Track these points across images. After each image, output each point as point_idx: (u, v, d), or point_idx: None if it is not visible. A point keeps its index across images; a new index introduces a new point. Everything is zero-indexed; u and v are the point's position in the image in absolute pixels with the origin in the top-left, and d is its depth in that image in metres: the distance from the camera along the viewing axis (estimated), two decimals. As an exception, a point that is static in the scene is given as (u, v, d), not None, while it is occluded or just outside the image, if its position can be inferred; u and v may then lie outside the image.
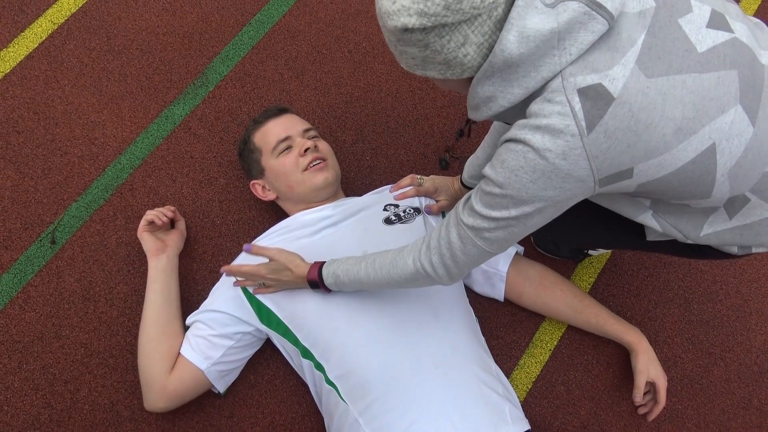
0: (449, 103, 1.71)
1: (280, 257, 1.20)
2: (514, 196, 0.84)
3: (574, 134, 0.78)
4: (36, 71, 1.63)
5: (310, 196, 1.36)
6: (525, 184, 0.82)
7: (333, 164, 1.40)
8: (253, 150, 1.41)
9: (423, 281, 1.02)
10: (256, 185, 1.43)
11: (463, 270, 0.97)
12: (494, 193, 0.86)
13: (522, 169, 0.81)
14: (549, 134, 0.78)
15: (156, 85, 1.65)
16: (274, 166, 1.37)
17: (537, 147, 0.79)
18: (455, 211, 0.95)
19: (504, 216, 0.87)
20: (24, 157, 1.54)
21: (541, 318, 1.49)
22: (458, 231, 0.93)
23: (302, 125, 1.41)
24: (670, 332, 1.51)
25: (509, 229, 0.89)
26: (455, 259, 0.95)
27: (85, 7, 1.72)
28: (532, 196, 0.83)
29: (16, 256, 1.45)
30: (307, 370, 1.25)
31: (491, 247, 0.92)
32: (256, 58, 1.72)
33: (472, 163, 1.34)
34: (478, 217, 0.89)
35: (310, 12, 1.79)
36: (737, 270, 1.58)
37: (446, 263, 0.96)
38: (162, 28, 1.72)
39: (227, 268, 1.26)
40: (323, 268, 1.15)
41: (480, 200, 0.89)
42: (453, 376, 1.14)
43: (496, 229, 0.89)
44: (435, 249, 0.97)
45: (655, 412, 1.34)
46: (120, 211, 1.51)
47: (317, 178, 1.34)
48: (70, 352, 1.38)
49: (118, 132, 1.59)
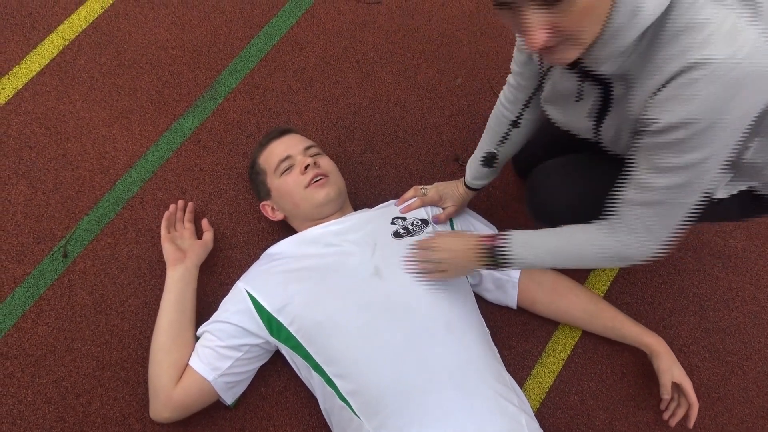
0: (457, 112, 1.71)
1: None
2: (710, 124, 0.78)
3: (744, 28, 0.73)
4: (48, 87, 1.65)
5: (315, 213, 1.36)
6: (721, 105, 0.75)
7: (335, 180, 1.40)
8: (259, 172, 1.43)
9: (622, 261, 1.01)
10: (265, 206, 1.45)
11: (667, 237, 0.96)
12: (681, 138, 0.80)
13: (714, 91, 0.75)
14: (723, 40, 0.73)
15: (166, 99, 1.66)
16: (278, 186, 1.38)
17: (721, 58, 0.73)
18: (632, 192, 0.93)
19: (697, 158, 0.82)
20: (36, 171, 1.56)
21: (553, 326, 1.48)
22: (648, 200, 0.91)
23: (303, 144, 1.42)
24: (686, 340, 1.48)
25: (702, 168, 0.84)
26: (660, 227, 0.94)
27: (96, 23, 1.75)
28: (730, 117, 0.77)
29: (28, 270, 1.46)
30: (317, 386, 1.24)
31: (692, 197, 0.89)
32: (264, 70, 1.73)
33: (474, 165, 1.36)
34: (663, 175, 0.86)
35: (317, 24, 1.80)
36: (754, 276, 1.55)
37: (646, 241, 0.96)
38: (171, 42, 1.74)
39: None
40: (503, 234, 1.12)
41: (660, 159, 0.85)
42: (468, 388, 1.13)
43: (687, 179, 0.85)
44: (634, 229, 0.96)
45: (692, 414, 1.30)
46: (131, 225, 1.52)
47: (319, 194, 1.34)
48: (82, 365, 1.39)
49: (128, 146, 1.60)
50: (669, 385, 1.30)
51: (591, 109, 0.99)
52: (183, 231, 1.47)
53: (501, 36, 1.82)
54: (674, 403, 1.33)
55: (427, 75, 1.76)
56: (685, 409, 1.31)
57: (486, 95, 1.73)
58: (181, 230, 1.47)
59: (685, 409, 1.31)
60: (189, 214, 1.50)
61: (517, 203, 1.60)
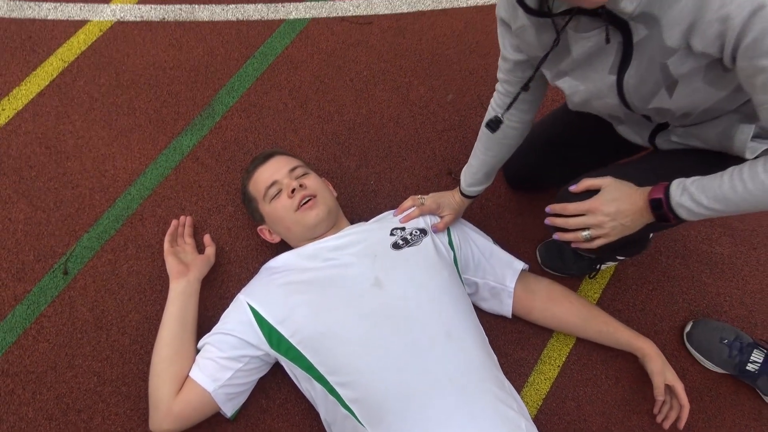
0: (449, 127, 1.76)
1: (613, 183, 1.08)
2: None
3: None
4: (47, 107, 1.68)
5: (308, 234, 1.39)
6: None
7: (323, 199, 1.41)
8: (251, 199, 1.46)
9: None
10: (263, 230, 1.48)
11: None
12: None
13: None
14: None
15: (164, 118, 1.70)
16: (269, 212, 1.41)
17: None
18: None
19: None
20: (36, 190, 1.58)
21: (548, 334, 1.51)
22: None
23: (288, 165, 1.43)
24: (678, 345, 1.52)
25: None
26: None
27: (94, 45, 1.78)
28: None
29: (29, 288, 1.47)
30: (319, 397, 1.25)
31: None
32: (260, 88, 1.77)
33: (468, 172, 1.40)
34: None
35: (311, 44, 1.85)
36: (740, 281, 1.59)
37: None
38: (169, 63, 1.78)
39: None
40: (670, 186, 1.02)
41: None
42: (469, 393, 1.15)
43: None
44: None
45: (683, 416, 1.33)
46: (131, 241, 1.54)
47: (309, 216, 1.36)
48: (83, 381, 1.39)
49: (127, 164, 1.63)
50: (662, 386, 1.33)
51: (613, 63, 0.99)
52: (185, 246, 1.49)
53: (489, 54, 1.87)
54: (666, 406, 1.36)
55: (418, 92, 1.81)
56: (677, 412, 1.34)
57: (476, 110, 1.78)
58: (182, 245, 1.50)
59: (677, 411, 1.34)
60: (188, 228, 1.53)
61: (509, 214, 1.65)
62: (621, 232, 1.08)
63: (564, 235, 1.13)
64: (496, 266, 1.46)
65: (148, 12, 1.86)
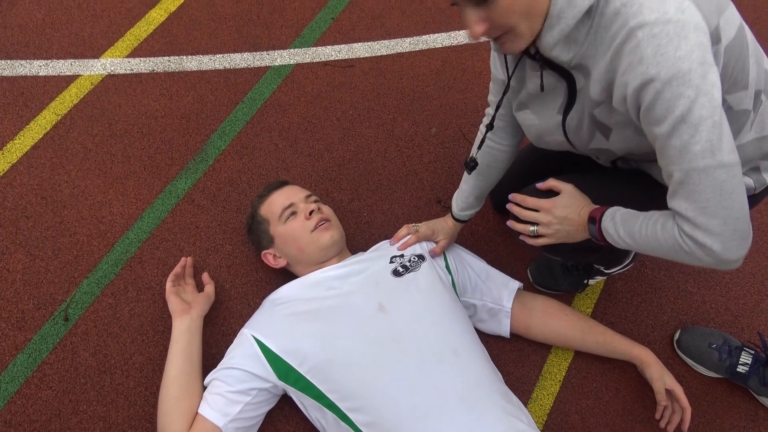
0: (434, 159, 1.83)
1: (572, 191, 1.16)
2: (670, 77, 0.84)
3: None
4: (42, 159, 1.71)
5: (320, 256, 1.43)
6: (670, 57, 0.83)
7: (336, 224, 1.49)
8: (260, 222, 1.50)
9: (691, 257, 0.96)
10: (267, 255, 1.51)
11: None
12: (654, 94, 0.86)
13: (657, 46, 0.83)
14: (652, 5, 0.84)
15: (158, 164, 1.74)
16: (282, 232, 1.45)
17: (653, 20, 0.83)
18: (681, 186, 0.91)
19: (684, 109, 0.85)
20: (34, 239, 1.59)
21: (546, 350, 1.55)
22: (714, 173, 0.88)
23: (303, 193, 1.52)
24: (671, 353, 1.57)
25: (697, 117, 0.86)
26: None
27: (87, 98, 1.83)
28: (686, 65, 0.83)
29: (30, 336, 1.47)
30: (331, 425, 1.26)
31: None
32: (251, 131, 1.83)
33: (460, 197, 1.47)
34: (673, 136, 0.88)
35: (297, 87, 1.93)
36: (723, 289, 1.66)
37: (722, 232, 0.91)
38: (160, 112, 1.83)
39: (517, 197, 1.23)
40: (606, 211, 1.09)
41: (656, 125, 0.88)
42: (480, 409, 1.18)
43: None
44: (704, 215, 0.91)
45: (686, 418, 1.36)
46: (131, 284, 1.55)
47: (324, 237, 1.42)
48: (88, 426, 1.38)
49: (124, 209, 1.66)
50: (663, 391, 1.37)
51: (560, 105, 1.09)
52: (185, 286, 1.51)
53: (467, 89, 1.98)
54: (668, 411, 1.40)
55: (403, 127, 1.89)
56: (680, 415, 1.38)
57: (459, 142, 1.86)
58: (183, 285, 1.52)
59: (680, 414, 1.38)
60: (189, 269, 1.55)
61: (499, 237, 1.71)
62: (563, 238, 1.16)
63: (516, 224, 1.22)
64: (492, 287, 1.51)
65: (138, 65, 1.92)
